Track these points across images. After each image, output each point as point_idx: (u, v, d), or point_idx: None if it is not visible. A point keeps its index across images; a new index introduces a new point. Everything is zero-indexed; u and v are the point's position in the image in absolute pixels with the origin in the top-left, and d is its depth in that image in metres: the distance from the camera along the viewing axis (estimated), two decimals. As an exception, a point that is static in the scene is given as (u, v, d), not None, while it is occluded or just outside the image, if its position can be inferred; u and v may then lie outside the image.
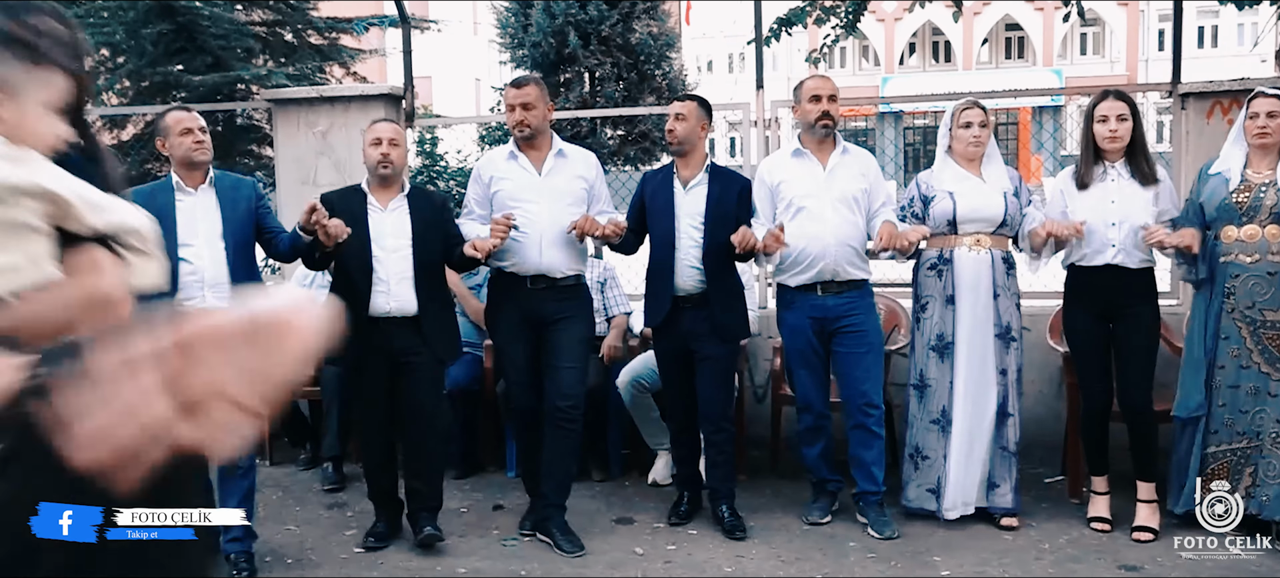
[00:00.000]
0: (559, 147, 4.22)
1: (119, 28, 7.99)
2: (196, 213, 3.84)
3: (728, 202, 4.14)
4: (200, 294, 3.79)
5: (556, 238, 4.09)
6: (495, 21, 16.23)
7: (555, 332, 4.13)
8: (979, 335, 4.11)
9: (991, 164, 4.20)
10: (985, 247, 4.11)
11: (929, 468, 4.23)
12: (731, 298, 4.25)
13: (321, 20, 9.07)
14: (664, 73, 15.15)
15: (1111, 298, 4.03)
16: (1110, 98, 4.05)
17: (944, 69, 34.18)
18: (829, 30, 8.16)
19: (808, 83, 4.24)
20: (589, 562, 3.93)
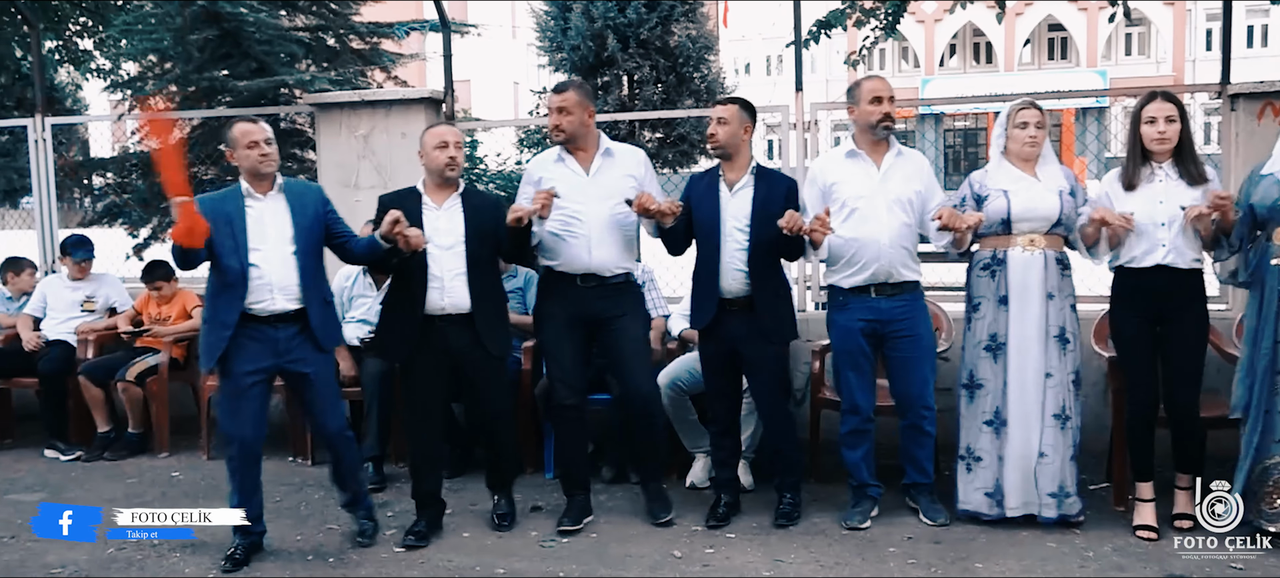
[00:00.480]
0: (606, 146, 4.29)
1: (167, 34, 8.14)
2: (265, 219, 3.94)
3: (774, 203, 4.13)
4: (269, 297, 3.90)
5: (605, 236, 4.17)
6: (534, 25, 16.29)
7: (613, 334, 4.23)
8: (1031, 337, 4.08)
9: (1047, 164, 4.17)
10: (1040, 247, 4.09)
11: (983, 470, 4.19)
12: (777, 300, 4.27)
13: (363, 25, 9.16)
14: (702, 75, 15.12)
15: (1161, 299, 3.99)
16: (1158, 99, 4.00)
17: (985, 70, 33.81)
18: (868, 32, 8.11)
19: (867, 83, 4.23)
20: (627, 564, 3.94)
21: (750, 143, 4.29)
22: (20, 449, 5.91)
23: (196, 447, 5.70)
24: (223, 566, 3.95)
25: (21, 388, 6.09)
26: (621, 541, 4.18)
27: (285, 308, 3.93)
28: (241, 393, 3.91)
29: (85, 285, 6.13)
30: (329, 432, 4.12)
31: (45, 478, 5.34)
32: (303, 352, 3.97)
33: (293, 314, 3.95)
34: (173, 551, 4.12)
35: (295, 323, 3.96)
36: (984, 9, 8.34)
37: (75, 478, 5.34)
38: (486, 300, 4.18)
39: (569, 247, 4.19)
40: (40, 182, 6.78)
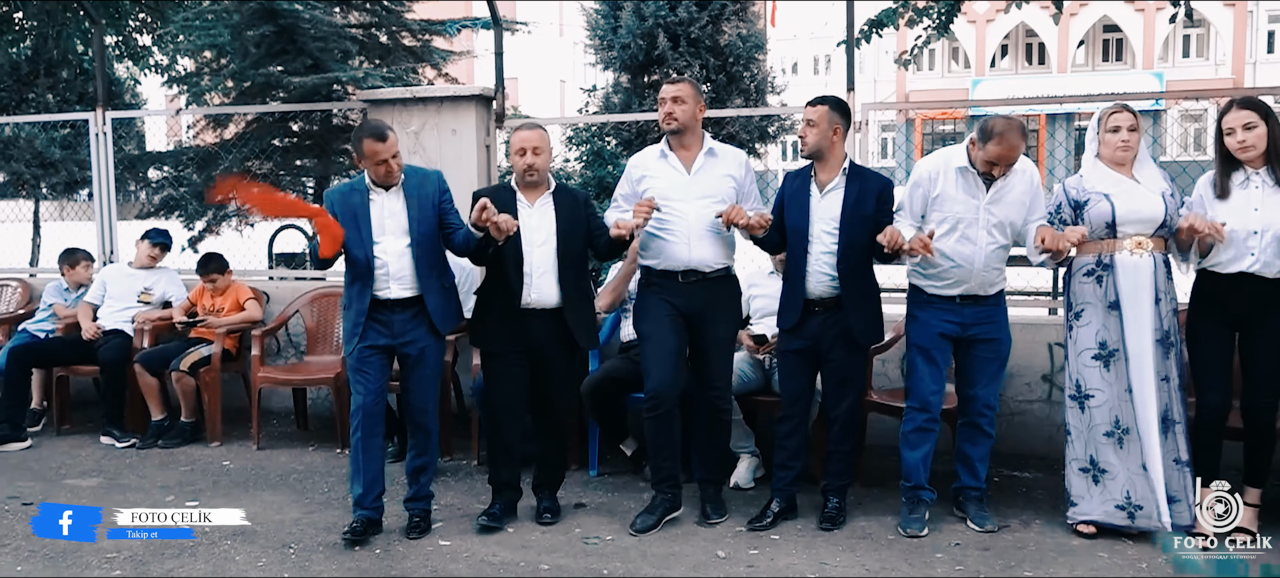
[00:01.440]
0: (710, 146, 4.33)
1: (225, 30, 8.27)
2: (386, 212, 4.18)
3: (866, 204, 4.12)
4: (387, 286, 4.17)
5: (704, 233, 4.22)
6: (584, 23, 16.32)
7: (705, 326, 4.29)
8: (1146, 341, 4.00)
9: (1144, 167, 4.11)
10: (1147, 250, 4.02)
11: (1111, 482, 4.07)
12: (865, 302, 4.25)
13: (415, 22, 9.25)
14: (752, 75, 15.04)
15: (1243, 306, 3.94)
16: (1236, 107, 3.93)
17: (1037, 71, 33.29)
18: (921, 31, 8.03)
19: (989, 147, 4.00)
20: (671, 563, 3.94)
21: (842, 143, 4.24)
22: (77, 435, 6.05)
23: (247, 437, 5.80)
24: (343, 538, 4.17)
25: (79, 376, 6.23)
26: (665, 539, 4.18)
27: (402, 295, 4.18)
28: (362, 365, 4.19)
29: (145, 276, 6.26)
30: (420, 412, 4.31)
31: (101, 464, 5.46)
32: (416, 334, 4.22)
33: (410, 300, 4.20)
34: (225, 538, 4.20)
35: (412, 307, 4.20)
36: (1038, 9, 8.22)
37: (130, 465, 5.45)
38: (576, 295, 4.30)
39: (668, 245, 4.23)
40: (100, 174, 6.94)
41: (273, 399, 6.35)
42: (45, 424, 6.21)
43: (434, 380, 4.34)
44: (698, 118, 4.29)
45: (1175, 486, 4.02)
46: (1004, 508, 4.43)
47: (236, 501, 4.73)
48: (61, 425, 6.17)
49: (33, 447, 5.80)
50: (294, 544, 4.17)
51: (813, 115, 4.18)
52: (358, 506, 4.24)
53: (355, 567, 3.94)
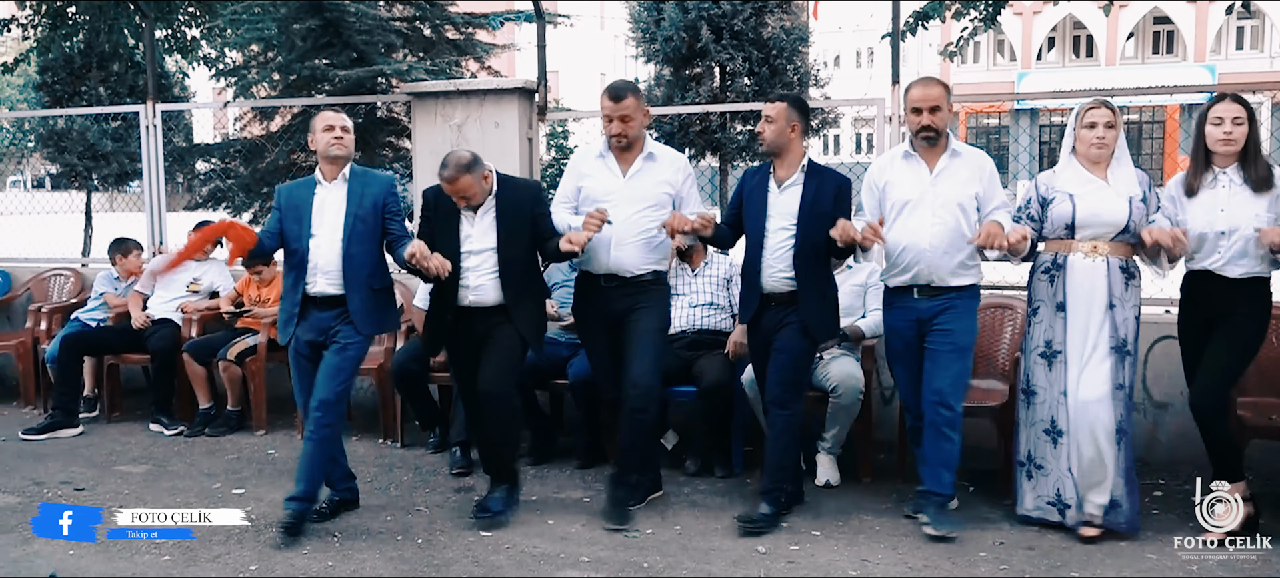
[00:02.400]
0: (650, 150, 4.32)
1: (272, 24, 8.37)
2: (326, 204, 4.18)
3: (823, 201, 4.12)
4: (314, 280, 4.15)
5: (627, 238, 4.22)
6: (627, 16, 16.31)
7: (628, 324, 4.28)
8: (1090, 346, 3.97)
9: (1119, 167, 4.02)
10: (1103, 254, 3.97)
11: (1045, 478, 4.11)
12: (821, 300, 4.24)
13: (458, 16, 9.30)
14: (795, 67, 14.93)
15: (1215, 305, 3.95)
16: (1228, 100, 3.91)
17: (1085, 64, 32.76)
18: (967, 23, 7.93)
19: (911, 93, 4.14)
20: (711, 558, 3.93)
21: (800, 140, 4.26)
22: (127, 423, 6.16)
23: (292, 426, 5.87)
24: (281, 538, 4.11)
25: (129, 365, 6.34)
26: (705, 534, 4.17)
27: (326, 292, 4.15)
28: (298, 364, 4.23)
29: (194, 267, 6.35)
30: (322, 402, 4.12)
31: (150, 451, 5.56)
32: (343, 331, 4.17)
33: (336, 298, 4.16)
34: (269, 526, 4.25)
35: (336, 306, 4.17)
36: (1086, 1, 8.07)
37: (178, 452, 5.54)
38: (522, 295, 4.26)
39: (593, 248, 4.24)
40: (150, 165, 7.05)
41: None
42: (97, 411, 6.33)
43: (341, 376, 4.16)
44: (644, 127, 4.32)
45: (1119, 493, 3.98)
46: (1050, 508, 4.36)
47: (280, 488, 4.79)
48: (112, 413, 6.29)
49: (84, 433, 5.92)
50: (338, 533, 4.22)
51: (771, 112, 4.19)
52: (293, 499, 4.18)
53: (398, 556, 3.97)
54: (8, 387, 6.98)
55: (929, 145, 4.11)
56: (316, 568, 3.84)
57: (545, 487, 4.81)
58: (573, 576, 3.79)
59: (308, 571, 3.82)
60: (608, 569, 3.84)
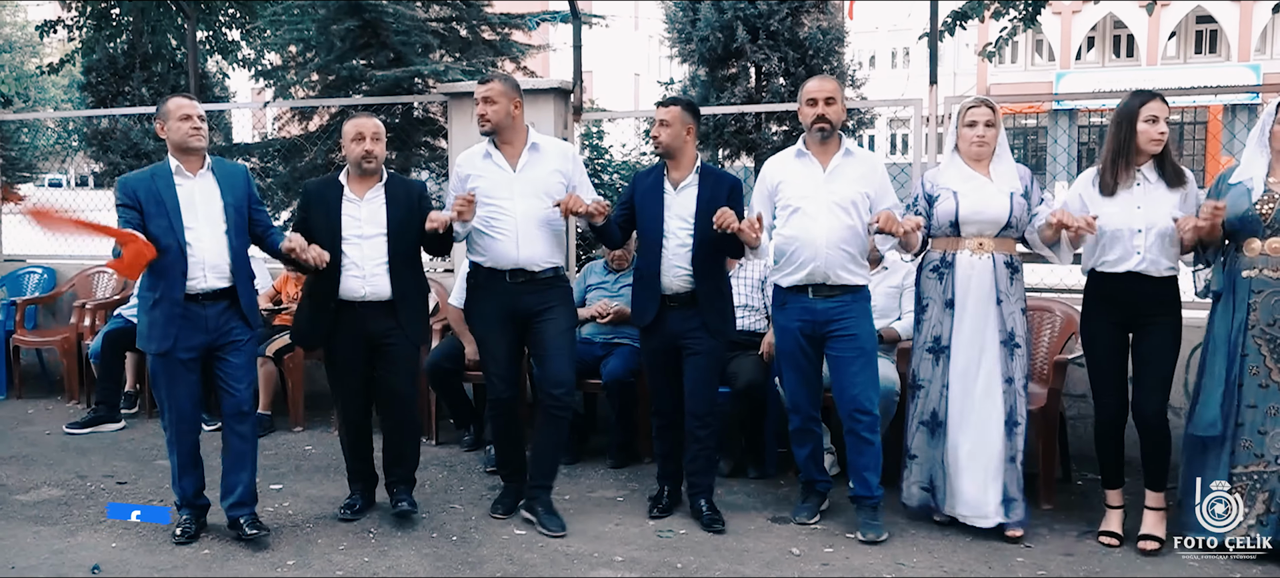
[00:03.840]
0: (533, 141, 4.30)
1: (312, 25, 8.46)
2: (196, 197, 4.01)
3: (717, 201, 4.13)
4: (201, 276, 3.98)
5: (532, 232, 4.20)
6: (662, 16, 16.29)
7: (540, 324, 4.26)
8: (979, 341, 4.03)
9: (1000, 163, 4.10)
10: (988, 250, 4.04)
11: (918, 466, 4.20)
12: (719, 298, 4.29)
13: (494, 16, 9.35)
14: (832, 67, 14.83)
15: (1133, 306, 3.94)
16: (1156, 100, 3.90)
17: (1125, 64, 32.29)
18: (1007, 22, 7.85)
19: (807, 84, 4.22)
20: (744, 559, 3.92)
21: (694, 143, 4.30)
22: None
23: (329, 423, 5.92)
24: (175, 538, 4.11)
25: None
26: (738, 535, 4.17)
27: (217, 286, 4.02)
28: (175, 370, 4.03)
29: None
30: (235, 405, 4.12)
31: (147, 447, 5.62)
32: (230, 327, 4.07)
33: (222, 292, 4.04)
34: (308, 522, 4.29)
35: (224, 300, 4.05)
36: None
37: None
38: (410, 288, 4.26)
39: (496, 243, 4.21)
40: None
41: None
42: (138, 407, 6.43)
43: (248, 367, 4.15)
44: (513, 115, 4.23)
45: (1013, 486, 4.04)
46: (1091, 516, 4.30)
47: (317, 484, 4.85)
48: (152, 408, 6.38)
49: (126, 427, 6.01)
50: (373, 530, 4.26)
51: (666, 116, 4.23)
52: (187, 505, 4.19)
53: (433, 552, 4.00)
54: (52, 381, 7.11)
55: (826, 139, 4.14)
56: (352, 565, 3.88)
57: (578, 486, 4.82)
58: (606, 575, 3.80)
59: (344, 567, 3.86)
60: (641, 569, 3.84)
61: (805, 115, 4.16)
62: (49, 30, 11.85)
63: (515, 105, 4.25)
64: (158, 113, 4.06)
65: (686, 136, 4.26)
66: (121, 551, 4.03)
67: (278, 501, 4.65)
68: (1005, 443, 4.03)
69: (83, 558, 3.94)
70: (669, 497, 4.45)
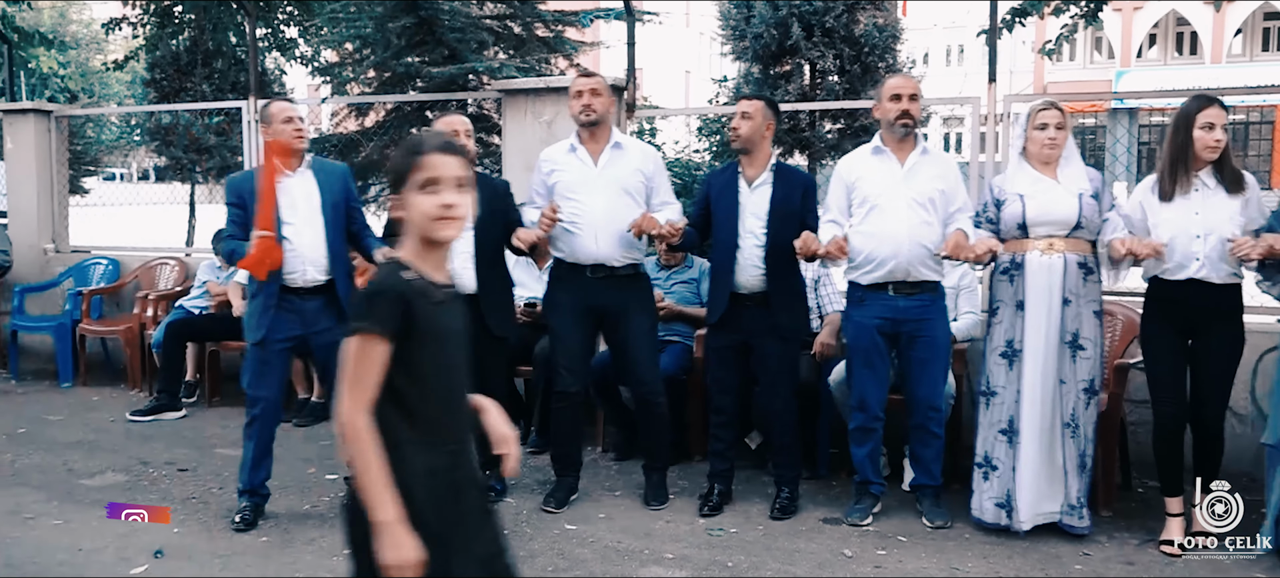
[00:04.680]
0: (616, 139, 4.35)
1: (369, 22, 8.57)
2: (296, 194, 4.17)
3: (792, 201, 4.16)
4: (300, 269, 4.14)
5: (611, 228, 4.23)
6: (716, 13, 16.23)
7: (622, 325, 4.32)
8: (1047, 343, 3.98)
9: (1068, 165, 4.05)
10: (1058, 251, 3.97)
11: (997, 479, 4.11)
12: (792, 298, 4.31)
13: (548, 13, 9.39)
14: (888, 65, 14.65)
15: (1194, 313, 3.87)
16: (1215, 105, 3.83)
17: (1188, 62, 31.54)
18: (1068, 19, 7.70)
19: (891, 81, 4.22)
20: (795, 560, 3.90)
21: (770, 140, 4.31)
22: (226, 408, 6.37)
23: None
24: (235, 525, 4.20)
25: (229, 351, 6.56)
26: (790, 535, 4.15)
27: (316, 280, 4.17)
28: (270, 359, 4.18)
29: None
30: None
31: (249, 435, 5.73)
32: (328, 322, 4.19)
33: (321, 286, 4.18)
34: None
35: (323, 294, 4.19)
36: None
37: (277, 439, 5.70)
38: (493, 282, 4.34)
39: (575, 238, 4.27)
40: (251, 159, 7.28)
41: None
42: (198, 396, 6.56)
43: None
44: (611, 110, 4.35)
45: (1075, 492, 4.00)
46: (1152, 524, 4.21)
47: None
48: (212, 397, 6.51)
49: (187, 416, 6.15)
50: (427, 521, 4.30)
51: (749, 108, 4.24)
52: (252, 493, 4.28)
53: (485, 546, 4.03)
54: (116, 370, 7.29)
55: (905, 137, 4.14)
56: (407, 555, 3.92)
57: (629, 482, 4.83)
58: (657, 572, 3.80)
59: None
60: (691, 567, 3.84)
61: (887, 111, 4.15)
62: (114, 28, 12.13)
63: (612, 102, 4.37)
64: (262, 117, 4.26)
65: (765, 133, 4.27)
66: (182, 537, 4.12)
67: (332, 491, 4.72)
68: (1065, 446, 3.99)
69: (145, 542, 4.03)
70: (719, 495, 4.44)
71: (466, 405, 2.14)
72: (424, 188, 1.98)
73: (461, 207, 1.99)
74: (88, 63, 31.54)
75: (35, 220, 7.88)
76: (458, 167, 2.00)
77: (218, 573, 3.78)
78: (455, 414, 2.09)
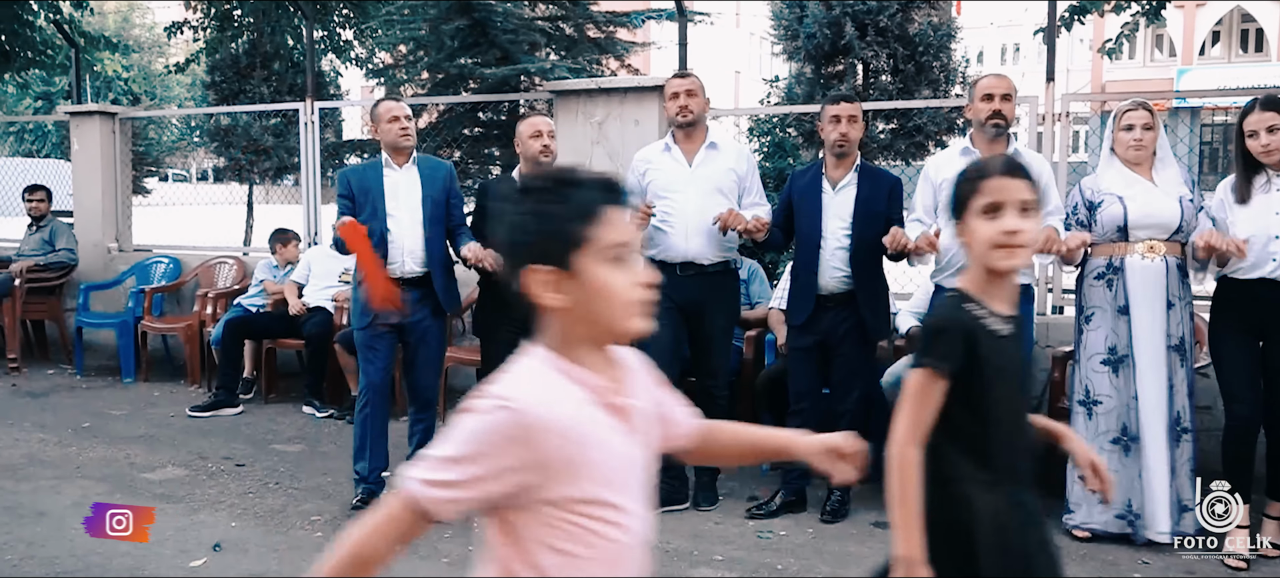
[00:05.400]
0: (712, 139, 4.38)
1: (423, 24, 8.67)
2: (400, 187, 4.35)
3: (877, 201, 4.13)
4: (401, 260, 4.31)
5: (702, 226, 4.24)
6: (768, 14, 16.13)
7: (703, 319, 4.34)
8: (1155, 348, 3.89)
9: (1165, 168, 3.97)
10: (1160, 254, 3.89)
11: (1116, 490, 3.96)
12: (876, 299, 4.28)
13: (600, 14, 9.41)
14: (943, 64, 14.42)
15: (1266, 313, 3.76)
16: (1258, 109, 3.74)
17: (1253, 60, 30.69)
18: (1128, 17, 7.54)
19: (984, 81, 4.16)
20: (847, 564, 3.87)
21: (857, 143, 4.29)
22: (282, 404, 6.48)
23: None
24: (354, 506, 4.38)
25: (285, 349, 6.67)
26: (841, 539, 4.11)
27: (414, 271, 4.32)
28: (374, 342, 4.34)
29: (348, 258, 6.62)
30: (423, 391, 4.45)
31: (303, 432, 5.83)
32: (422, 313, 4.35)
33: (419, 278, 4.33)
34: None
35: (422, 287, 4.33)
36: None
37: (328, 434, 5.80)
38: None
39: (666, 237, 4.29)
40: (308, 160, 7.40)
41: (458, 377, 6.61)
42: (255, 392, 6.68)
43: (438, 359, 4.51)
44: (706, 110, 4.39)
45: (1187, 494, 3.89)
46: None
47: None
48: (268, 394, 6.62)
49: (244, 412, 6.26)
50: (478, 517, 4.32)
51: (853, 112, 4.20)
52: (363, 481, 4.42)
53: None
54: (176, 366, 7.45)
55: (998, 137, 4.09)
56: (459, 553, 3.96)
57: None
58: (706, 574, 3.79)
59: (448, 554, 3.94)
60: (741, 569, 3.82)
61: (979, 111, 4.11)
62: (176, 31, 12.40)
63: (707, 103, 4.41)
64: (371, 115, 4.46)
65: (858, 138, 4.27)
66: (240, 530, 4.19)
67: (385, 486, 4.77)
68: (1176, 451, 3.92)
69: (204, 536, 4.11)
70: (786, 500, 4.40)
71: (1028, 442, 2.00)
72: (986, 213, 1.85)
73: (1027, 233, 1.84)
74: (150, 66, 32.28)
75: (100, 220, 8.08)
76: (1023, 190, 1.85)
77: (274, 567, 3.84)
78: (1017, 452, 1.95)
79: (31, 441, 5.55)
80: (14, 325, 7.45)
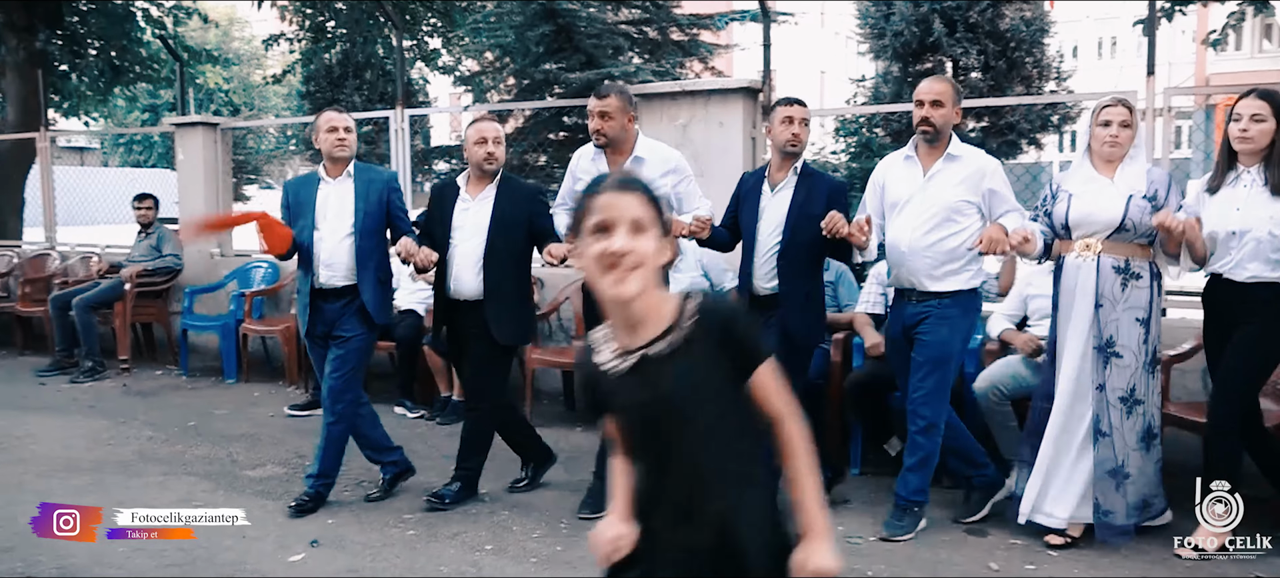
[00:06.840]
0: (638, 153, 4.32)
1: (509, 31, 8.80)
2: (330, 201, 4.37)
3: (814, 205, 4.02)
4: (327, 272, 4.34)
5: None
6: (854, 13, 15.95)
7: None
8: (1076, 348, 3.84)
9: (1129, 165, 3.84)
10: (1094, 252, 3.80)
11: (1028, 477, 4.04)
12: (806, 302, 4.17)
13: (683, 17, 9.43)
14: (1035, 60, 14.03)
15: (1230, 310, 3.72)
16: (1251, 96, 3.65)
17: (1371, 49, 29.16)
18: (1234, 7, 7.24)
19: (919, 87, 4.05)
20: (938, 570, 3.80)
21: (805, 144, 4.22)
22: (374, 405, 6.52)
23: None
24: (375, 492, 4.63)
25: (377, 351, 6.81)
26: (932, 546, 4.03)
27: (335, 283, 4.34)
28: (315, 351, 4.48)
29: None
30: (330, 390, 4.41)
31: (395, 432, 5.87)
32: (348, 324, 4.37)
33: (344, 289, 4.34)
34: (504, 508, 4.44)
35: (346, 297, 4.35)
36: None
37: (419, 434, 5.91)
38: (503, 288, 4.36)
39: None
40: (399, 165, 7.57)
41: (544, 380, 6.69)
42: (349, 393, 6.84)
43: (356, 370, 4.46)
44: (627, 128, 4.32)
45: (1106, 497, 3.86)
46: None
47: (510, 472, 4.97)
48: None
49: (339, 413, 6.41)
50: (566, 518, 4.37)
51: (805, 115, 4.13)
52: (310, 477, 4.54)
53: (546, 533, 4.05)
54: (275, 367, 7.69)
55: (932, 144, 3.99)
56: (545, 552, 4.00)
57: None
58: (794, 577, 3.75)
59: (536, 553, 3.98)
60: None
61: (914, 114, 4.04)
62: (273, 43, 12.83)
63: (629, 118, 4.35)
64: (316, 124, 4.48)
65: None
66: (336, 527, 4.31)
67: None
68: (1095, 452, 3.85)
69: (303, 532, 4.23)
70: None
71: (693, 478, 1.87)
72: (595, 232, 1.74)
73: (635, 254, 1.71)
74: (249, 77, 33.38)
75: (203, 226, 8.38)
76: (635, 206, 1.73)
77: (369, 563, 3.93)
78: (669, 490, 1.84)
79: (141, 438, 5.79)
80: (124, 328, 7.79)
